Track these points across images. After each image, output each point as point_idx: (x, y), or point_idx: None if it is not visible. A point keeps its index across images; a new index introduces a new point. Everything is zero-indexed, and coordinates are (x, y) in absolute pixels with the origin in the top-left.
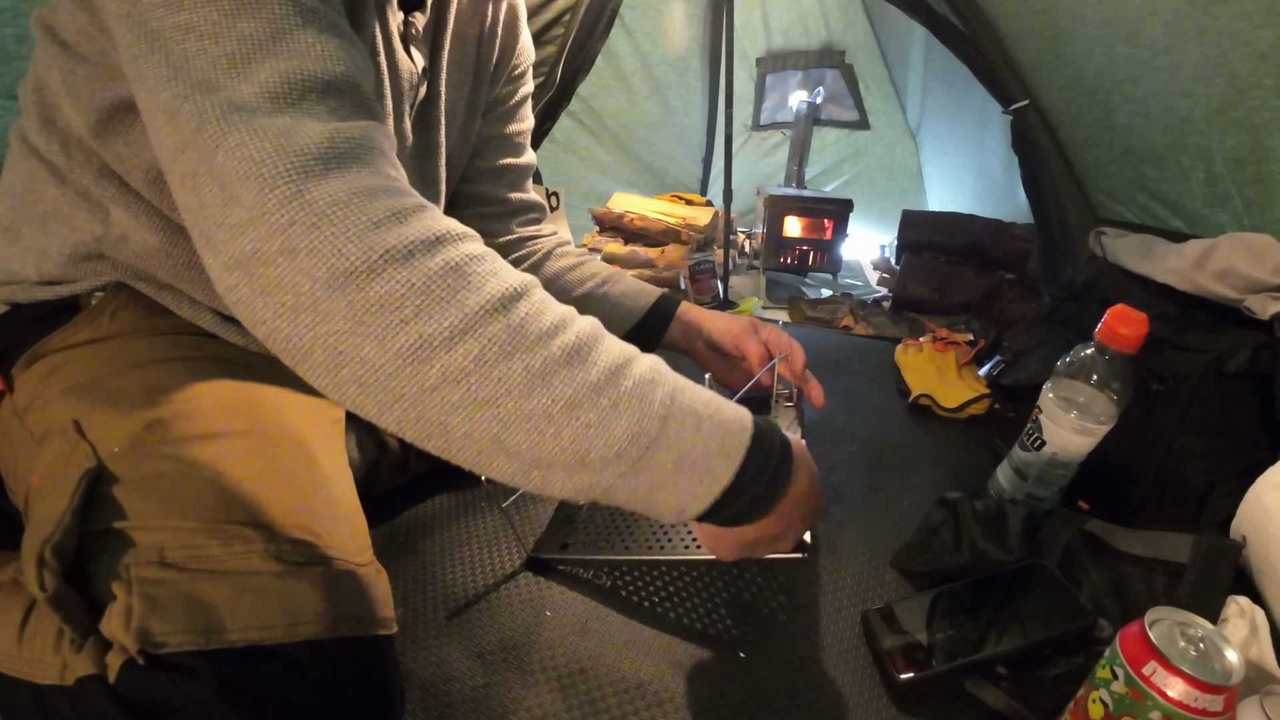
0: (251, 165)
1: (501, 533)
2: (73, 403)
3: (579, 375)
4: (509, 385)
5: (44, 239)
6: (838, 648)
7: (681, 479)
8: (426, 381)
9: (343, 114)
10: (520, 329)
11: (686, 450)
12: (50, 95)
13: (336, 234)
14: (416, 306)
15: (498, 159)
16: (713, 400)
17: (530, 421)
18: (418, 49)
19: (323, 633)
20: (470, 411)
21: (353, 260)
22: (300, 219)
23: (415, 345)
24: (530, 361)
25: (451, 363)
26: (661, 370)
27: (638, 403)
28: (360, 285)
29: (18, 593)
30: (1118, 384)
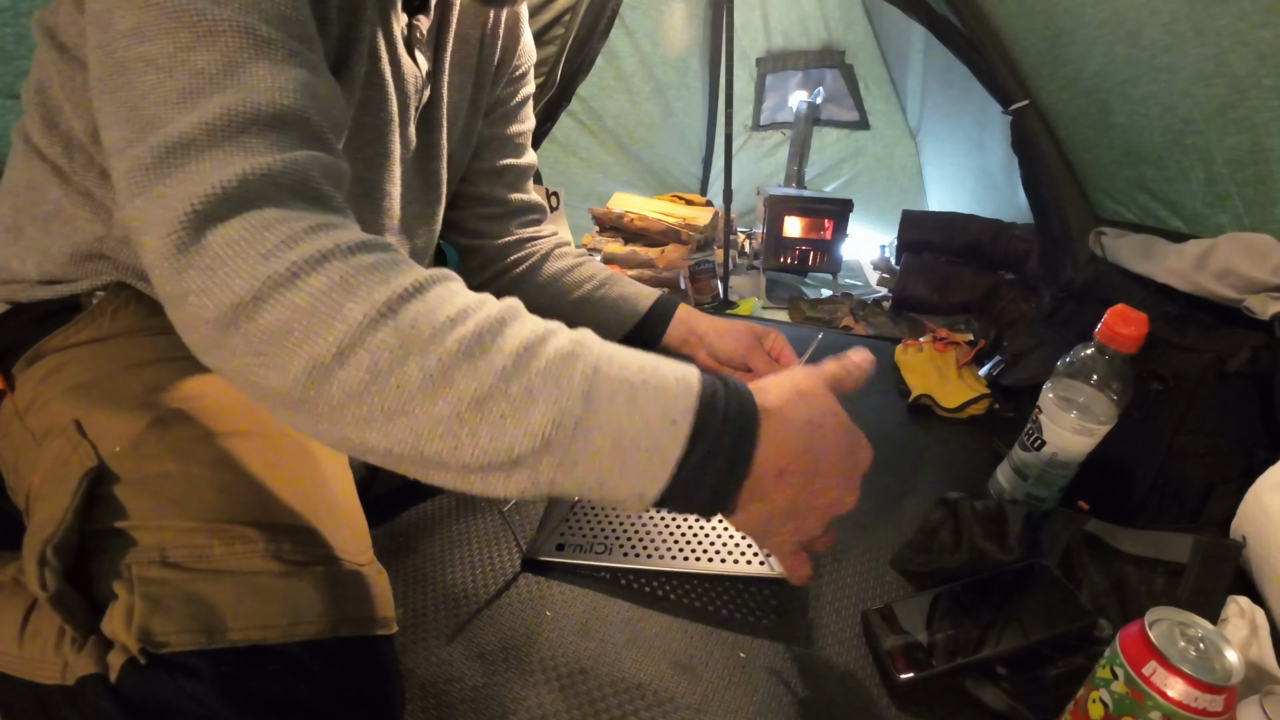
0: (162, 212)
1: (501, 533)
2: (74, 402)
3: (481, 366)
4: (409, 391)
5: (46, 238)
6: (838, 648)
7: (628, 460)
8: (333, 401)
9: (284, 146)
10: (411, 330)
11: (623, 427)
12: (52, 98)
13: (228, 272)
14: (305, 328)
15: (498, 160)
16: (650, 364)
17: (442, 426)
18: (421, 52)
19: (324, 632)
20: (383, 425)
21: (240, 294)
22: (195, 263)
23: (310, 368)
24: (425, 363)
25: (348, 379)
26: (585, 343)
27: (553, 383)
28: (250, 316)
29: (19, 592)
30: (1118, 384)
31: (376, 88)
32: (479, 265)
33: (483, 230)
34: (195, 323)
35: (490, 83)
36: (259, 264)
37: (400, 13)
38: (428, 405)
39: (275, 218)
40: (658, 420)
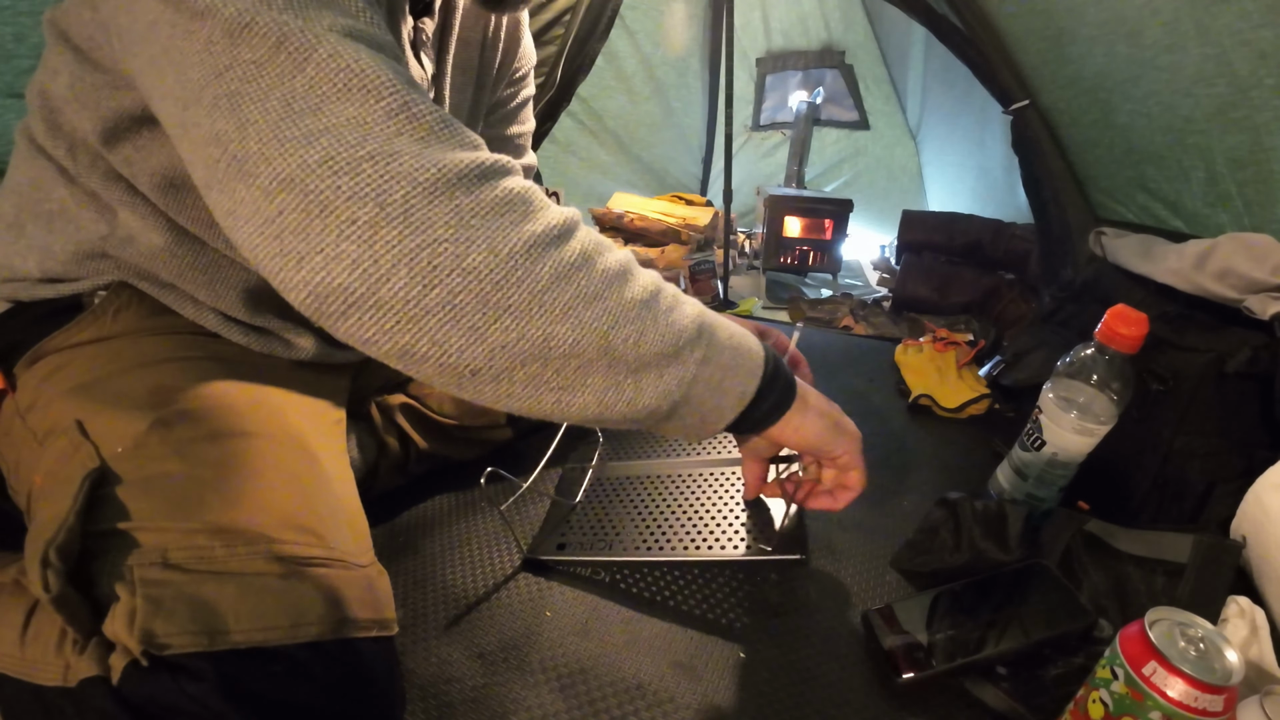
0: (353, 76)
1: (501, 533)
2: (76, 402)
3: (643, 273)
4: (609, 277)
5: (48, 237)
6: (838, 648)
7: (739, 357)
8: (539, 283)
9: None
10: (598, 235)
11: (731, 329)
12: (56, 99)
13: (446, 146)
14: (525, 209)
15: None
16: None
17: (634, 310)
18: (426, 55)
19: (326, 634)
20: (580, 311)
21: (466, 164)
22: (408, 130)
23: (530, 243)
24: (617, 257)
25: (562, 259)
26: None
27: (682, 295)
28: (470, 189)
29: (20, 594)
30: (1118, 384)
31: None
32: None
33: None
34: (393, 185)
35: (491, 84)
36: (476, 151)
37: (407, 15)
38: (622, 290)
39: (454, 121)
40: (741, 332)
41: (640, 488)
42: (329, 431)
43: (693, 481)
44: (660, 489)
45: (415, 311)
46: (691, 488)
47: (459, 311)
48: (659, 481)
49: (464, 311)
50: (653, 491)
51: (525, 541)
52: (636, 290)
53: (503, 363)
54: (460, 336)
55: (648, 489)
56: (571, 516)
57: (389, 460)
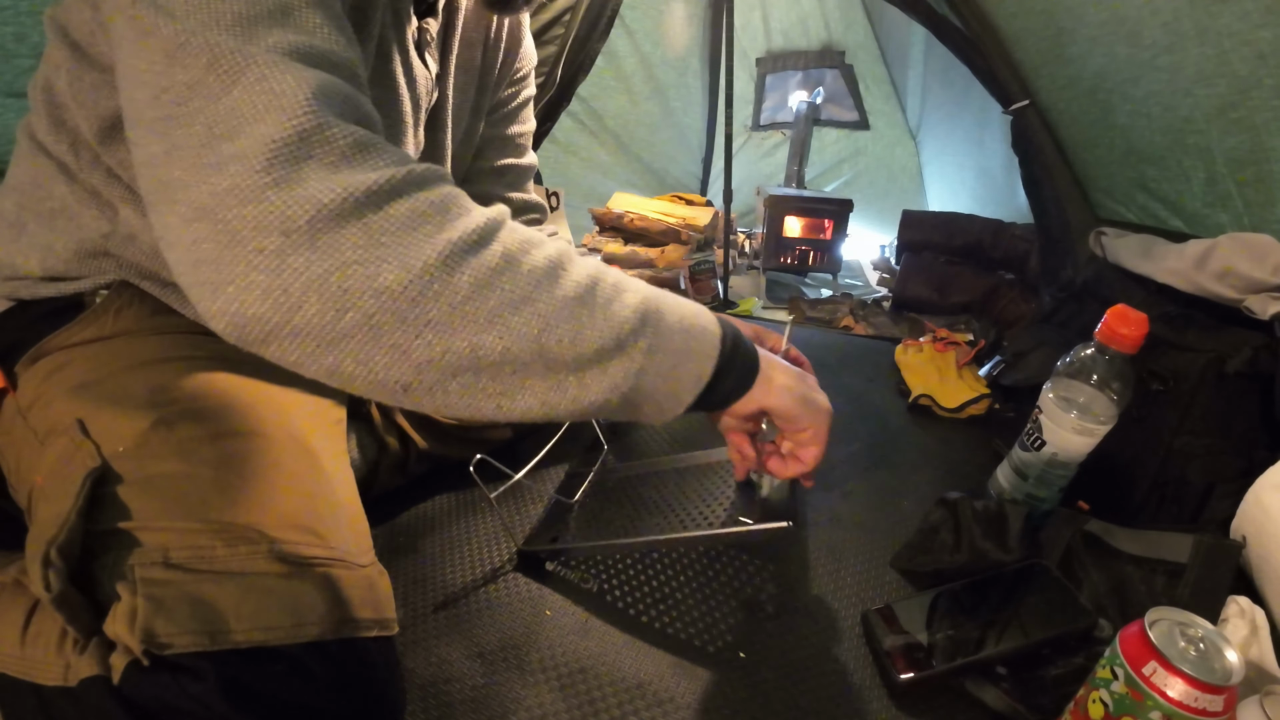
0: (274, 98)
1: (502, 533)
2: (77, 402)
3: (580, 262)
4: (536, 278)
5: (50, 235)
6: (838, 648)
7: (693, 340)
8: (458, 294)
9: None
10: (524, 234)
11: (683, 312)
12: (59, 96)
13: (358, 167)
14: (441, 219)
15: (499, 159)
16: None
17: (567, 309)
18: (430, 55)
19: (327, 634)
20: (506, 318)
21: (374, 181)
22: (319, 153)
23: (445, 254)
24: (546, 252)
25: (482, 264)
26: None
27: (626, 280)
28: (380, 205)
29: (20, 593)
30: (1118, 384)
31: (388, 89)
32: None
33: None
34: (296, 210)
35: (492, 85)
36: (390, 168)
37: (411, 15)
38: (552, 289)
39: (382, 142)
40: (697, 312)
41: (639, 484)
42: (329, 431)
43: (695, 474)
44: (660, 483)
45: (333, 335)
46: (694, 478)
47: (378, 332)
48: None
49: (383, 331)
50: (650, 485)
51: (517, 535)
52: (569, 287)
53: (433, 376)
54: (384, 355)
55: (646, 484)
56: (569, 515)
57: (389, 460)
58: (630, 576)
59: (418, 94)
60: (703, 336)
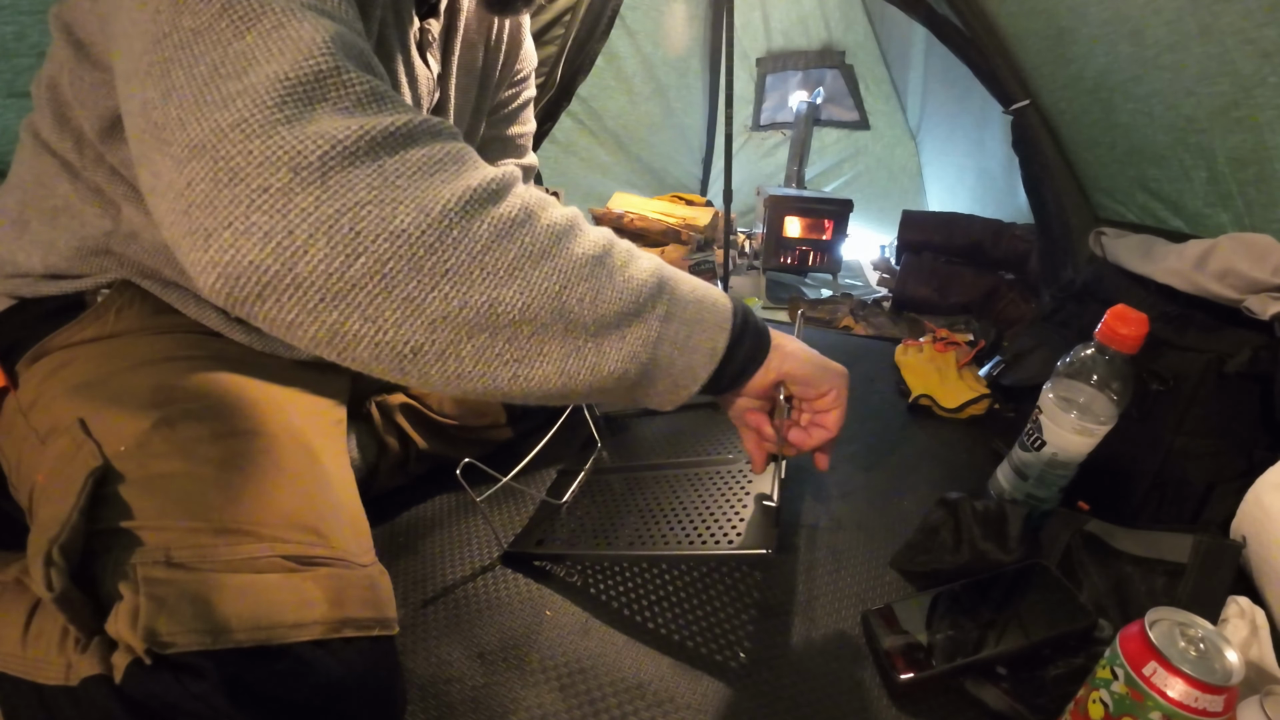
0: (290, 42)
1: (502, 534)
2: (78, 401)
3: (592, 228)
4: (556, 234)
5: (52, 232)
6: (838, 648)
7: (705, 311)
8: (477, 243)
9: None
10: (538, 193)
11: (694, 283)
12: (63, 94)
13: (374, 113)
14: (459, 167)
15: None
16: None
17: (587, 268)
18: (432, 55)
19: (328, 633)
20: (528, 271)
21: (390, 124)
22: (334, 95)
23: (465, 200)
24: (563, 211)
25: (501, 215)
26: None
27: (634, 248)
28: (396, 149)
29: (22, 593)
30: (1118, 384)
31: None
32: None
33: None
34: (306, 146)
35: (493, 86)
36: (409, 113)
37: (413, 16)
38: (571, 246)
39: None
40: (704, 284)
41: (628, 488)
42: (330, 431)
43: (684, 481)
44: (648, 489)
45: (340, 286)
46: (683, 487)
47: (390, 281)
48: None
49: (396, 280)
50: (639, 491)
51: (504, 536)
52: (587, 246)
53: (446, 336)
54: (395, 309)
55: (635, 489)
56: (556, 516)
57: (389, 460)
58: (630, 577)
59: (419, 94)
60: (714, 308)
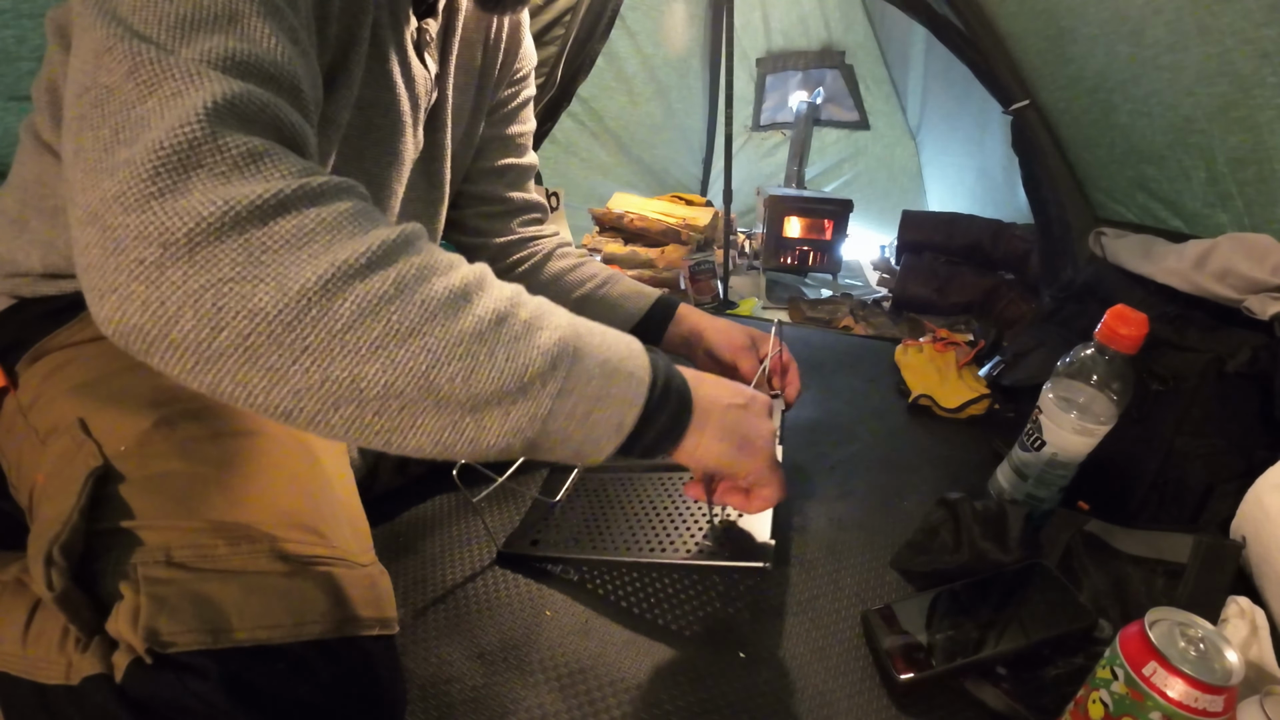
0: (173, 109)
1: (498, 534)
2: (78, 401)
3: (493, 293)
4: (432, 309)
5: (52, 231)
6: (838, 648)
7: (613, 385)
8: (338, 321)
9: (284, 102)
10: (430, 258)
11: (608, 354)
12: (62, 95)
13: (246, 179)
14: (329, 239)
15: (499, 159)
16: (592, 321)
17: (463, 345)
18: (430, 55)
19: (329, 632)
20: (392, 350)
21: (259, 195)
22: (209, 163)
23: (326, 277)
24: (450, 281)
25: (368, 291)
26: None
27: (549, 314)
28: (265, 221)
29: (22, 593)
30: (1118, 384)
31: (386, 89)
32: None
33: (484, 228)
34: (175, 222)
35: (492, 85)
36: (281, 180)
37: (410, 16)
38: (449, 323)
39: (289, 152)
40: (627, 354)
41: (622, 488)
42: None
43: (680, 485)
44: (641, 490)
45: (210, 353)
46: (678, 490)
47: (253, 353)
48: (643, 482)
49: (259, 353)
50: (633, 493)
51: (498, 536)
52: (467, 322)
53: (313, 406)
54: (261, 378)
55: (629, 490)
56: (550, 516)
57: (389, 460)
58: (630, 578)
59: (416, 94)
60: (627, 382)
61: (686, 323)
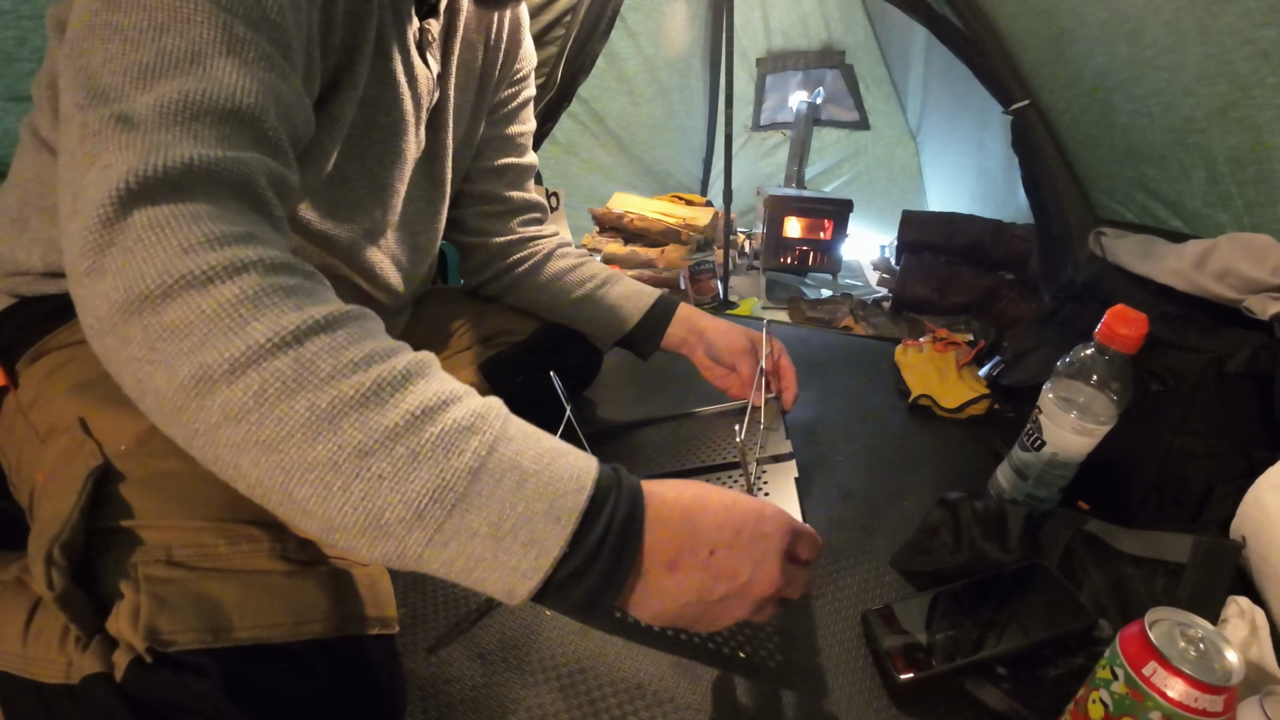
0: (105, 185)
1: None
2: (79, 400)
3: (373, 419)
4: (290, 427)
5: (52, 229)
6: (838, 648)
7: (502, 550)
8: (210, 418)
9: (233, 143)
10: (310, 364)
11: (505, 513)
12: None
13: (145, 259)
14: (203, 335)
15: (499, 159)
16: (550, 453)
17: (315, 472)
18: (432, 55)
19: (329, 631)
20: (256, 455)
21: (150, 284)
22: (117, 241)
23: (197, 376)
24: (316, 400)
25: (231, 398)
26: (489, 417)
27: (443, 453)
28: (155, 309)
29: (21, 592)
30: (1118, 384)
31: (389, 88)
32: (480, 263)
33: (484, 228)
34: (99, 302)
35: (493, 85)
36: (176, 258)
37: (413, 16)
38: (305, 446)
39: (206, 212)
40: (542, 514)
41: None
42: None
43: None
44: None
45: (144, 410)
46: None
47: (167, 420)
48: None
49: (170, 422)
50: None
51: None
52: (324, 449)
53: (223, 472)
54: (180, 439)
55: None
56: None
57: None
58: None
59: (419, 93)
60: (525, 551)
61: (686, 323)
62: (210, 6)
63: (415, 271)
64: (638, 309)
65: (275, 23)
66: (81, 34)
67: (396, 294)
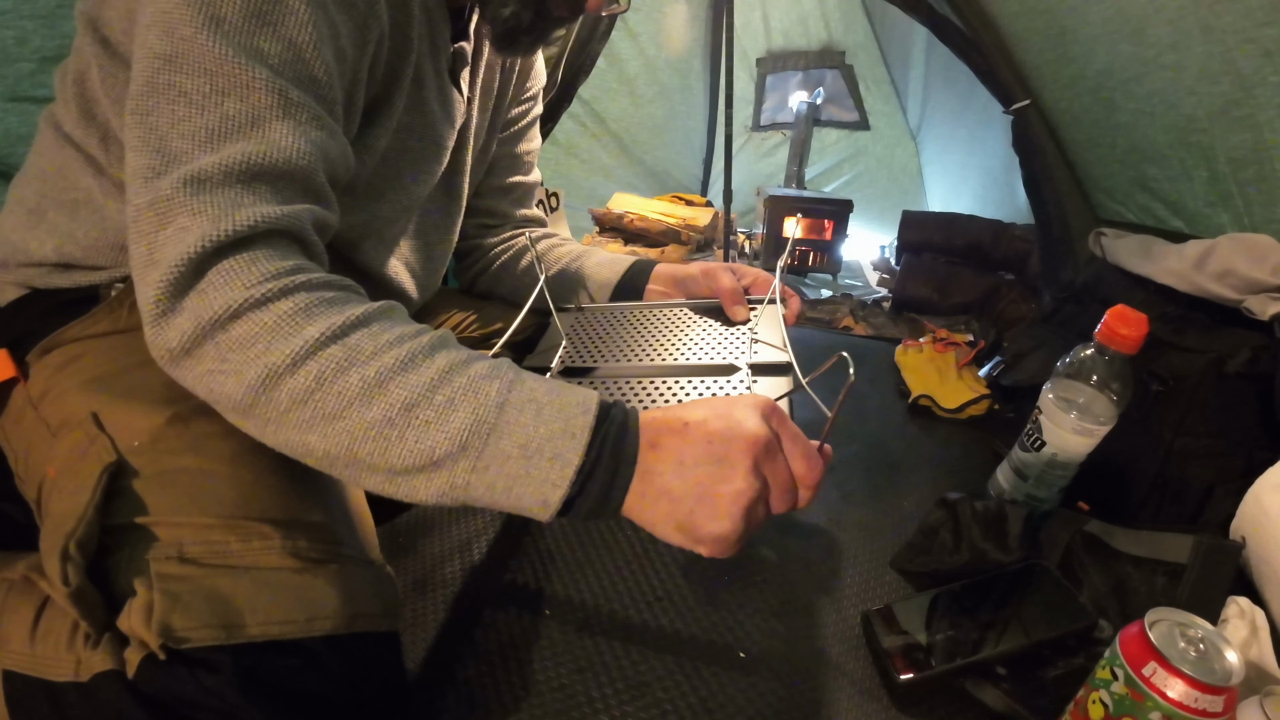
0: (182, 246)
1: (501, 532)
2: (91, 395)
3: (412, 379)
4: (349, 397)
5: (70, 223)
6: (838, 648)
7: (532, 466)
8: (280, 405)
9: (286, 197)
10: (356, 347)
11: (531, 436)
12: (91, 90)
13: (217, 295)
14: (267, 342)
15: (507, 177)
16: (557, 388)
17: (375, 429)
18: (463, 79)
19: (340, 628)
20: (323, 429)
21: (218, 311)
22: (194, 287)
23: (265, 374)
24: (365, 373)
25: (296, 385)
26: (502, 367)
27: (472, 395)
28: (224, 329)
29: (28, 591)
30: (1118, 384)
31: (422, 114)
32: (471, 262)
33: (481, 236)
34: (172, 334)
35: (506, 103)
36: (242, 291)
37: (448, 44)
38: (363, 410)
39: (265, 255)
40: (559, 433)
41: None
42: None
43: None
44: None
45: (222, 413)
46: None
47: (241, 418)
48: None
49: (244, 420)
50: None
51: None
52: (377, 410)
53: (293, 453)
54: (256, 434)
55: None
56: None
57: None
58: (630, 577)
59: (452, 117)
60: (551, 465)
61: (664, 278)
62: (267, 74)
63: (429, 280)
64: (615, 273)
65: (323, 81)
66: (145, 91)
67: (411, 301)
